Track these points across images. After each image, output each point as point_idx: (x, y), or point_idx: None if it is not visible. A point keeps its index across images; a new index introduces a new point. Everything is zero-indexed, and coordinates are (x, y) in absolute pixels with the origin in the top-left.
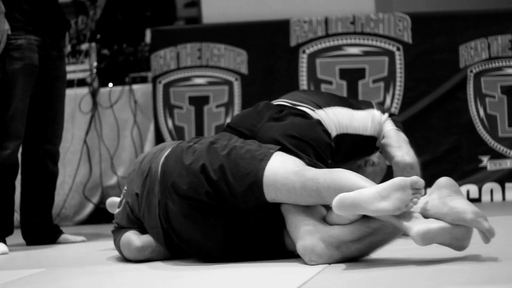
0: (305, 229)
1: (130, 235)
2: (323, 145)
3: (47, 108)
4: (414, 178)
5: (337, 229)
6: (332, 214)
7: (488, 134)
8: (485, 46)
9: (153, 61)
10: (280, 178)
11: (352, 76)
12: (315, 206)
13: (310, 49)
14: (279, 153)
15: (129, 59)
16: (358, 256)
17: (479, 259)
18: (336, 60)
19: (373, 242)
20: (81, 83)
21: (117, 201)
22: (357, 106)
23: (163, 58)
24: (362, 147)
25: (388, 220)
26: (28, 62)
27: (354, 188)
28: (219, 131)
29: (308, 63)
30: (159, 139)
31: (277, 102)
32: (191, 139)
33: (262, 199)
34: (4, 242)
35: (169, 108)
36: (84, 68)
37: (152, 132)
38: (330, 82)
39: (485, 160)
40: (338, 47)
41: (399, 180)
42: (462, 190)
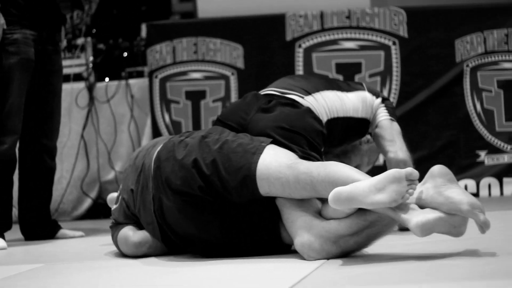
0: (302, 225)
1: (127, 231)
2: (315, 133)
3: (44, 103)
4: (409, 170)
5: (334, 224)
6: (328, 208)
7: (485, 129)
8: (481, 40)
9: (149, 56)
10: (274, 172)
11: (349, 71)
12: (310, 200)
13: (306, 44)
14: (271, 146)
15: (125, 54)
16: (356, 249)
17: (478, 254)
18: (332, 55)
19: (371, 235)
20: (78, 78)
21: None
22: (347, 88)
23: (159, 53)
24: (355, 130)
25: (385, 213)
26: (24, 57)
27: (348, 181)
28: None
29: (304, 58)
30: (156, 134)
31: (265, 92)
32: (183, 133)
33: (256, 193)
34: (3, 237)
35: (166, 103)
36: (80, 63)
37: (149, 127)
38: None
39: (483, 155)
40: (334, 42)
41: (394, 172)
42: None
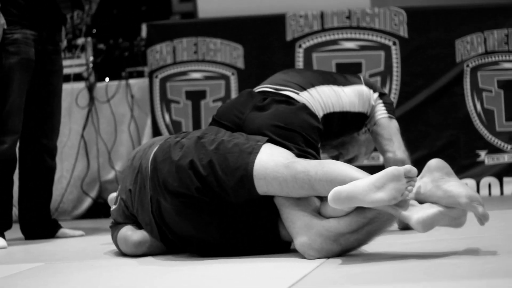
0: (301, 225)
1: (127, 231)
2: (310, 130)
3: (44, 103)
4: (408, 167)
5: (334, 222)
6: (327, 207)
7: (486, 129)
8: (481, 41)
9: (149, 56)
10: (271, 172)
11: (349, 71)
12: (308, 198)
13: (306, 44)
14: (267, 145)
15: (125, 54)
16: (357, 246)
17: (477, 253)
18: (333, 55)
19: (371, 231)
20: (78, 78)
21: None
22: (343, 82)
23: (159, 53)
24: (351, 124)
25: (385, 210)
26: (24, 57)
27: (347, 179)
28: None
29: (305, 58)
30: (157, 134)
31: (260, 89)
32: (179, 134)
33: (254, 193)
34: (3, 237)
35: (166, 103)
36: (81, 63)
37: (150, 127)
38: None
39: (483, 155)
40: (334, 42)
41: (393, 170)
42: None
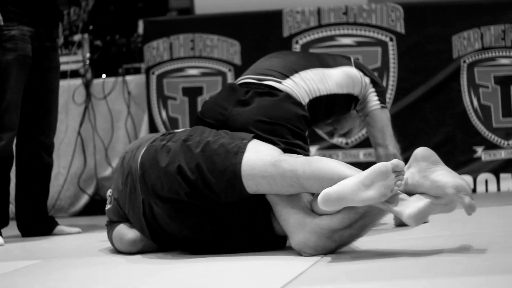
0: (295, 223)
1: (122, 229)
2: (296, 119)
3: (41, 100)
4: (395, 162)
5: (326, 220)
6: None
7: (482, 125)
8: (478, 37)
9: (146, 52)
10: (259, 172)
11: None
12: (299, 194)
13: (303, 40)
14: (253, 143)
15: (122, 50)
16: (352, 241)
17: (475, 250)
18: (330, 51)
19: (363, 225)
20: (74, 74)
21: None
22: (332, 63)
23: (156, 49)
24: (340, 106)
25: (377, 206)
26: (22, 53)
27: (335, 177)
28: None
29: None
30: (153, 130)
31: (242, 80)
32: (165, 135)
33: (244, 193)
34: (0, 234)
35: (163, 99)
36: (77, 59)
37: (146, 123)
38: None
39: (480, 151)
40: (331, 38)
41: (381, 166)
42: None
